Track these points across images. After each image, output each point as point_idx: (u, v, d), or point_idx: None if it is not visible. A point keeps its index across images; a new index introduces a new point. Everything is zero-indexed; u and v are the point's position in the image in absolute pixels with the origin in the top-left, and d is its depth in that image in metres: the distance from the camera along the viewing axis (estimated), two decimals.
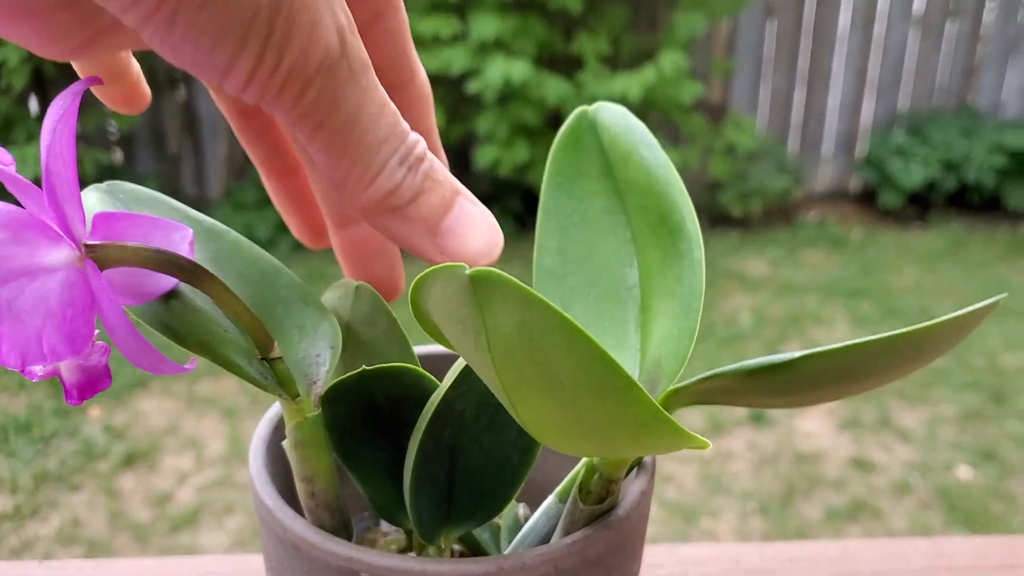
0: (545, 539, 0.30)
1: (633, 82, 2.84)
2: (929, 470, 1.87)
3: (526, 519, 0.32)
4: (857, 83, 3.63)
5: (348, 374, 0.28)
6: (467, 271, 0.19)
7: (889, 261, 3.01)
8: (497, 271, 0.19)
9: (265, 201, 3.21)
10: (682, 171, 3.42)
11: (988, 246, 3.17)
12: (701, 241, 0.29)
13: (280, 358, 0.27)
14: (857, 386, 0.25)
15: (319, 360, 0.28)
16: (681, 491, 1.79)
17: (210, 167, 3.54)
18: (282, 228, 3.17)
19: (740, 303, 2.68)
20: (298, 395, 0.27)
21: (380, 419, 0.30)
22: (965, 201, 3.45)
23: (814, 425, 2.03)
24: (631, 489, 0.28)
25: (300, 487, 0.29)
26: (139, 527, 1.74)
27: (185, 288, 0.27)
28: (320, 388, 0.27)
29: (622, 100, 2.90)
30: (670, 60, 2.87)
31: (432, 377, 0.29)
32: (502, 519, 0.33)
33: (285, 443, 0.28)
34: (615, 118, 0.31)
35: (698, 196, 3.43)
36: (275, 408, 0.32)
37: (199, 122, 3.49)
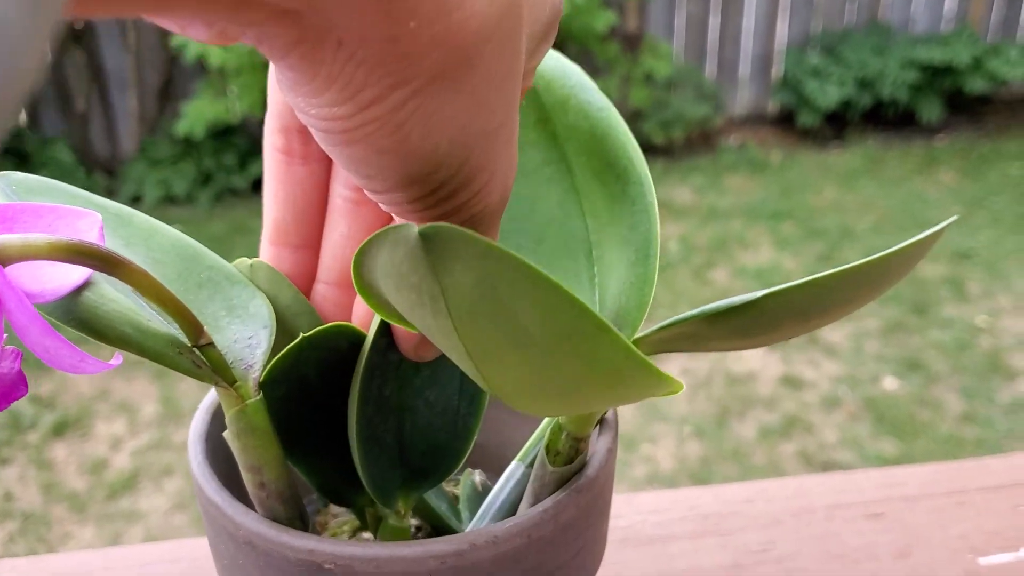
0: (512, 506, 0.29)
1: None
2: (857, 383, 1.92)
3: (484, 488, 0.31)
4: (770, 4, 3.64)
5: (285, 349, 0.26)
6: (416, 228, 0.17)
7: (809, 182, 3.06)
8: (448, 224, 0.17)
9: (179, 156, 3.11)
10: None
11: (904, 161, 3.24)
12: (652, 184, 0.28)
13: (211, 344, 0.25)
14: (815, 322, 0.25)
15: (253, 343, 0.26)
16: (620, 421, 1.82)
17: (121, 123, 3.41)
18: (200, 182, 3.08)
19: (668, 231, 2.70)
20: (235, 381, 0.25)
21: (315, 399, 0.28)
22: (880, 118, 3.51)
23: None
24: (597, 447, 0.28)
25: (248, 478, 0.27)
26: (75, 496, 1.71)
27: (99, 278, 0.25)
28: (257, 372, 0.26)
29: None
30: None
31: (367, 333, 0.27)
32: (459, 489, 0.32)
33: (226, 434, 0.26)
34: (548, 62, 0.29)
35: None
36: (210, 396, 0.30)
37: (106, 77, 3.35)
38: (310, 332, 0.26)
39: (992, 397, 1.86)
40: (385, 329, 0.27)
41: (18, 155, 3.18)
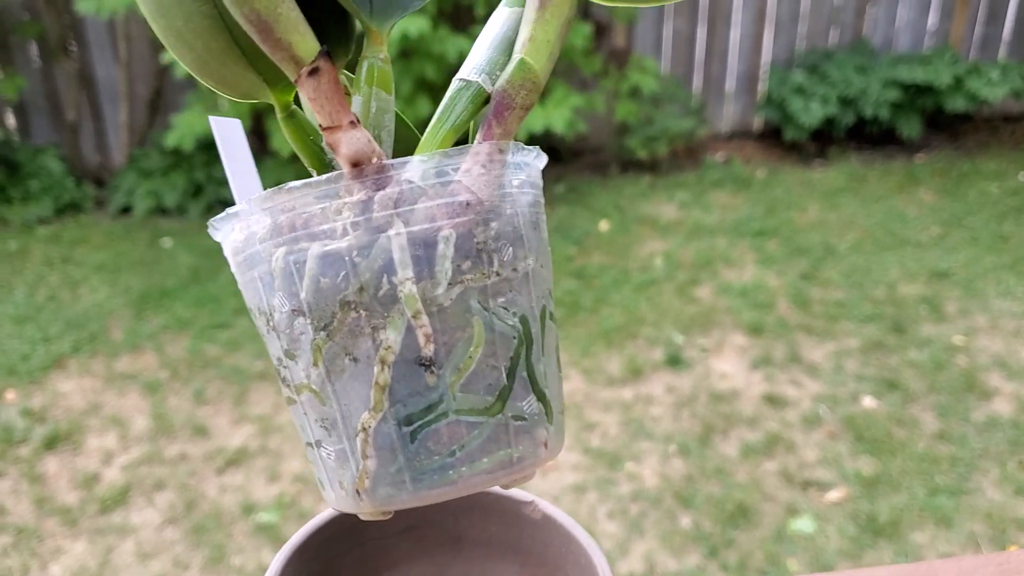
0: (510, 43, 0.29)
1: None
2: (837, 402, 1.96)
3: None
4: (756, 21, 3.69)
5: None
6: None
7: (793, 199, 3.11)
8: None
9: (170, 167, 3.13)
10: (590, 115, 3.45)
11: (885, 179, 3.29)
12: None
13: None
14: None
15: None
16: (604, 438, 1.85)
17: (111, 134, 3.42)
18: (191, 194, 3.10)
19: (654, 248, 2.74)
20: None
21: None
22: (863, 135, 3.56)
23: (728, 365, 2.11)
24: None
25: None
26: (67, 510, 1.72)
27: None
28: None
29: None
30: None
31: None
32: None
33: None
34: None
35: (607, 141, 3.46)
36: (291, 545, 0.31)
37: (96, 88, 3.37)
38: None
39: (967, 416, 1.90)
40: None
41: (8, 164, 3.19)
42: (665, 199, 3.16)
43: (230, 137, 0.29)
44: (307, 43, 0.24)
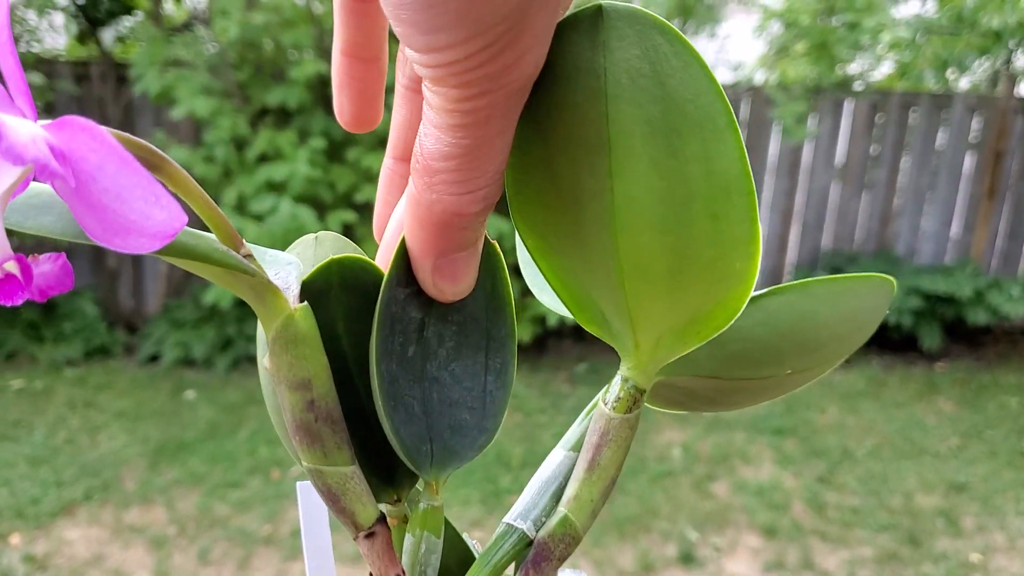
0: (560, 489, 0.30)
1: None
2: None
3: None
4: (783, 222, 3.80)
5: (316, 266, 0.27)
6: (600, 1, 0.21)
7: (813, 399, 3.11)
8: (627, 5, 0.22)
9: (202, 320, 3.20)
10: None
11: (905, 386, 3.30)
12: None
13: (251, 255, 0.25)
14: (814, 356, 0.30)
15: (283, 273, 0.27)
16: None
17: (148, 282, 3.53)
18: (219, 348, 3.15)
19: (672, 438, 2.74)
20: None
21: (347, 367, 0.29)
22: (885, 341, 3.59)
23: (741, 567, 2.07)
24: None
25: (292, 402, 0.26)
26: None
27: None
28: (296, 289, 0.26)
29: None
30: None
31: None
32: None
33: (265, 360, 0.27)
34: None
35: None
36: None
37: None
38: (339, 256, 0.28)
39: None
40: (402, 277, 0.27)
41: (44, 303, 3.28)
42: None
43: (314, 505, 0.32)
44: (367, 512, 0.28)
